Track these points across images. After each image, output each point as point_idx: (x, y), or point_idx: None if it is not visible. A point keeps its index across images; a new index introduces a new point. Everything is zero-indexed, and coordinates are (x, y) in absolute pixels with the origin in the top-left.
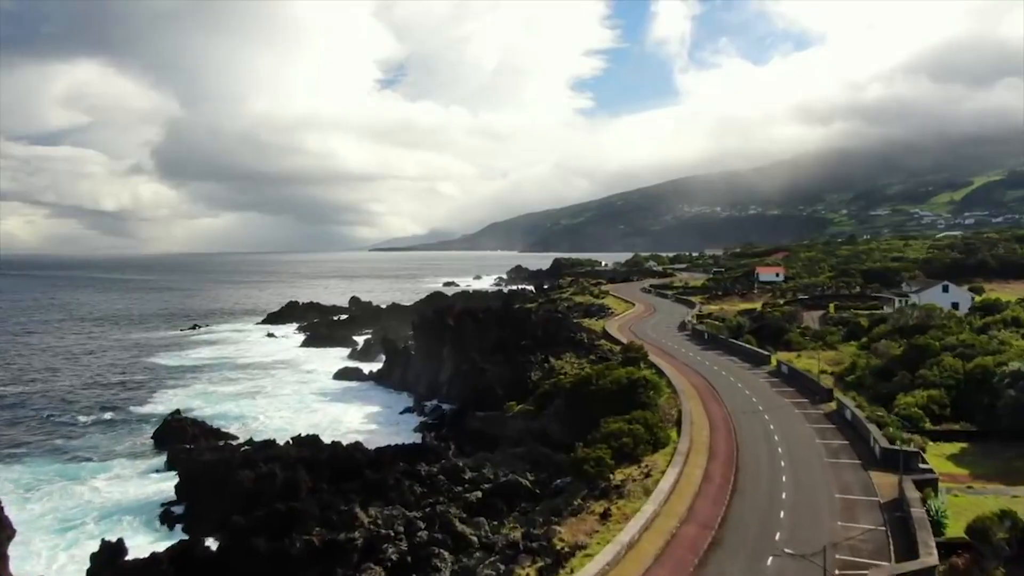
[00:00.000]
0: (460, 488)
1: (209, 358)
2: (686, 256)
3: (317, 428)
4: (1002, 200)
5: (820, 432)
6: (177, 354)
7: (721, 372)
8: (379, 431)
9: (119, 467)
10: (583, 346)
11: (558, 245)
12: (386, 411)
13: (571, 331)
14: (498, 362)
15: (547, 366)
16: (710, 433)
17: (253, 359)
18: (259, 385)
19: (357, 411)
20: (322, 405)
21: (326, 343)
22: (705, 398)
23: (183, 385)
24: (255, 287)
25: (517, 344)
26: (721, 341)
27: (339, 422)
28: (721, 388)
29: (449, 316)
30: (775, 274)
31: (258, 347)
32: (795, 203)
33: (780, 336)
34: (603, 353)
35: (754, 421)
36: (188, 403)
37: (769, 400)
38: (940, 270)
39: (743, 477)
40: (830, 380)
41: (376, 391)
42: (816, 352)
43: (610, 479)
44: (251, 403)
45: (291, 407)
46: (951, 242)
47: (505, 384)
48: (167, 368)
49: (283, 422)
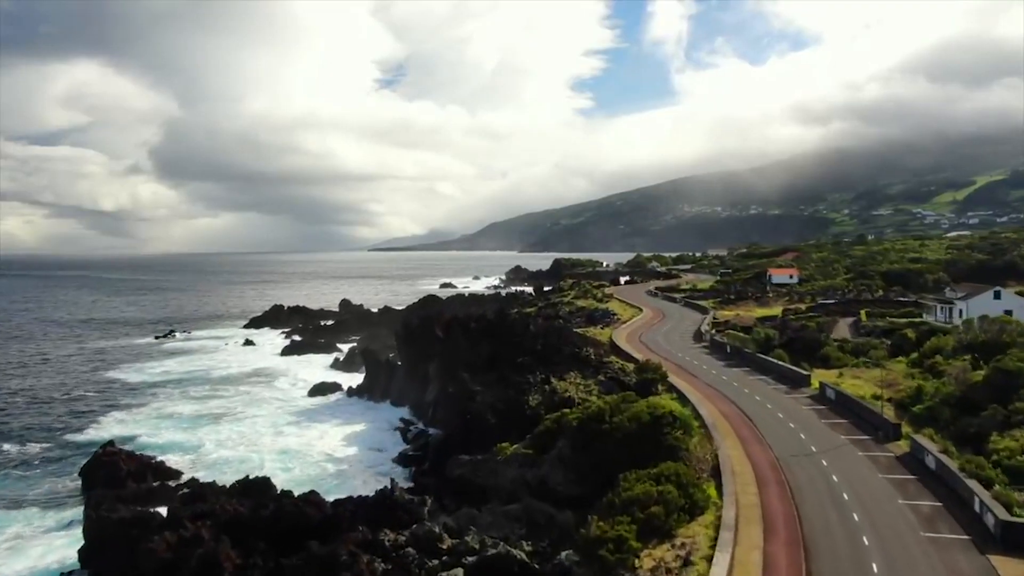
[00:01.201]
0: (435, 562)
1: (176, 371)
2: (689, 256)
3: (282, 459)
4: (1006, 200)
5: (900, 487)
6: (141, 366)
7: (754, 396)
8: (352, 462)
9: (24, 521)
10: (589, 363)
11: (558, 245)
12: (364, 435)
13: (575, 345)
14: (490, 383)
15: (548, 388)
16: (759, 490)
17: (225, 371)
18: (225, 405)
19: (331, 435)
20: (293, 428)
21: (309, 350)
22: (743, 435)
23: (137, 405)
24: (246, 288)
25: (513, 360)
26: (747, 356)
27: (307, 450)
28: (759, 419)
29: (437, 326)
30: (788, 276)
31: (234, 356)
32: (796, 203)
33: (815, 350)
34: (613, 372)
35: (810, 469)
36: (136, 429)
37: (821, 437)
38: (965, 272)
39: (819, 566)
40: (891, 410)
41: (355, 409)
42: (860, 370)
43: (636, 569)
44: (211, 428)
45: (257, 431)
46: (969, 242)
47: (498, 411)
48: (124, 384)
49: (245, 451)
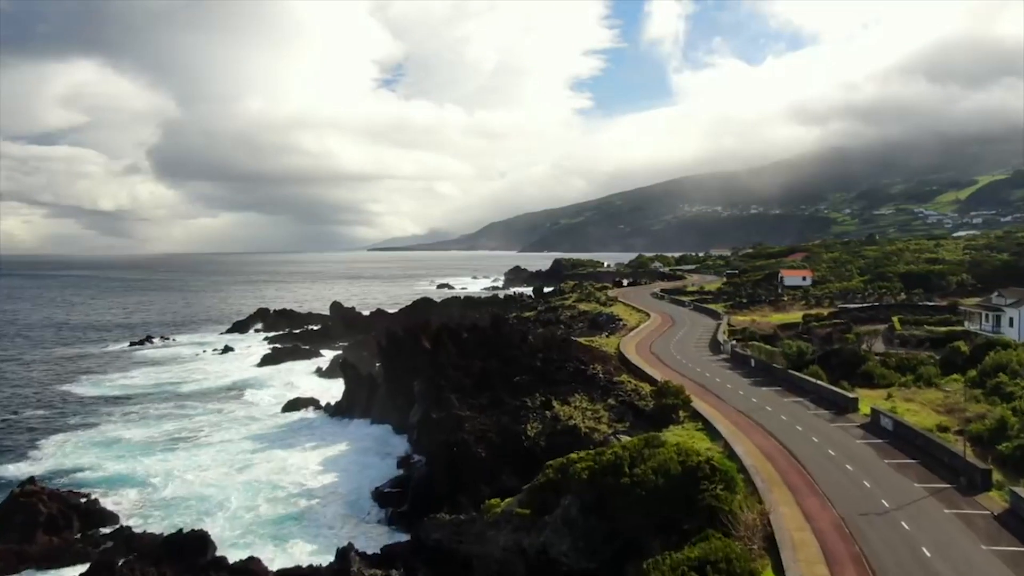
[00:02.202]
0: None
1: (141, 384)
2: (693, 256)
3: (247, 494)
4: (1009, 199)
5: (1012, 562)
6: (104, 378)
7: (795, 426)
8: (325, 495)
9: None
10: (597, 384)
11: (558, 245)
12: (341, 460)
13: (580, 360)
14: (482, 406)
15: (548, 414)
16: (830, 574)
17: (196, 385)
18: (189, 426)
19: (304, 462)
20: (262, 454)
21: (291, 357)
22: (793, 483)
23: (87, 426)
24: (238, 288)
25: (508, 379)
26: (777, 373)
27: (276, 481)
28: (807, 459)
29: (423, 337)
30: (801, 277)
31: (210, 366)
32: (797, 202)
33: (855, 366)
34: (626, 395)
35: (891, 537)
36: (78, 458)
37: (890, 486)
38: (990, 273)
39: None
40: (969, 448)
41: (333, 429)
42: (911, 391)
43: None
44: (168, 456)
45: (221, 460)
46: (987, 242)
47: (490, 442)
48: (78, 399)
49: (204, 485)
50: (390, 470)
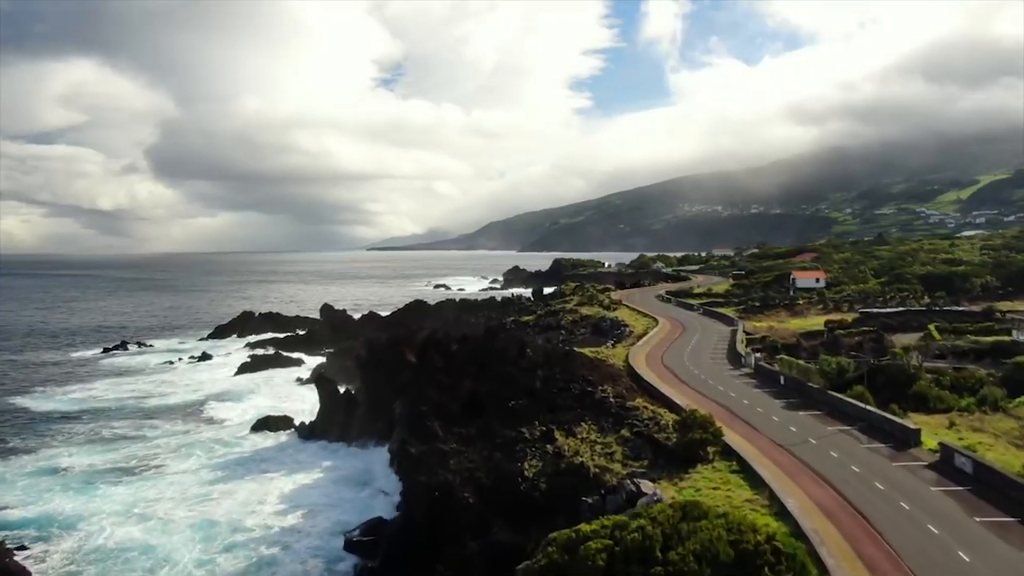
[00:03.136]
0: None
1: (101, 398)
2: (695, 257)
3: (201, 542)
4: (1011, 199)
5: None
6: (61, 390)
7: (850, 466)
8: (290, 541)
9: None
10: (607, 410)
11: (557, 245)
12: (312, 494)
13: (587, 380)
14: (470, 437)
15: (550, 449)
16: None
17: (163, 399)
18: (144, 451)
19: (270, 496)
20: (222, 486)
21: (272, 366)
22: (868, 556)
23: (24, 450)
24: (229, 289)
25: (502, 403)
26: (814, 393)
27: (236, 523)
28: (877, 518)
29: (408, 349)
30: (815, 279)
31: (183, 376)
32: (797, 202)
33: (905, 385)
34: (643, 426)
35: None
36: (5, 491)
37: (994, 558)
38: (1016, 275)
39: None
40: None
41: (306, 455)
42: (974, 416)
43: None
44: (109, 492)
45: (175, 495)
46: (1005, 242)
47: (479, 484)
48: (26, 415)
49: (143, 531)
50: (366, 507)
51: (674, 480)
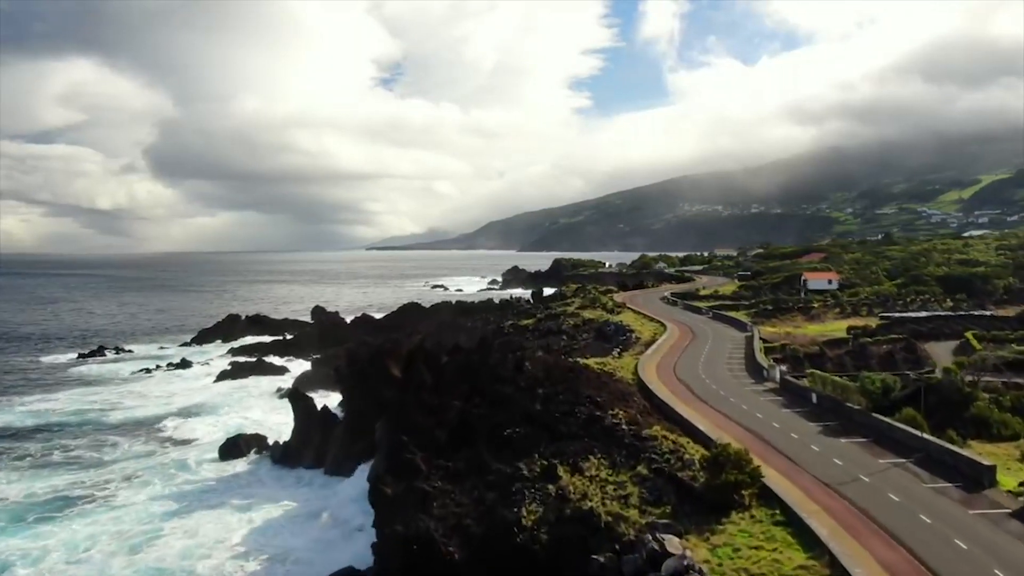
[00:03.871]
0: None
1: (60, 410)
2: (698, 257)
3: None
4: (1012, 199)
5: None
6: (20, 401)
7: (918, 516)
8: None
9: None
10: (619, 439)
11: (557, 244)
12: (280, 531)
13: (595, 403)
14: (458, 472)
15: (552, 489)
16: None
17: (129, 412)
18: (92, 477)
19: (231, 535)
20: (176, 522)
21: (254, 373)
22: None
23: None
24: (223, 289)
25: (497, 430)
26: (854, 416)
27: (189, 568)
28: None
29: (392, 362)
30: (827, 281)
31: (156, 386)
32: (798, 202)
33: (961, 407)
34: (662, 461)
35: None
36: None
37: None
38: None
39: None
40: None
41: (276, 486)
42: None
43: None
44: (39, 530)
45: (117, 531)
46: (1020, 242)
47: (467, 534)
48: None
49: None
50: (338, 550)
51: (704, 535)
